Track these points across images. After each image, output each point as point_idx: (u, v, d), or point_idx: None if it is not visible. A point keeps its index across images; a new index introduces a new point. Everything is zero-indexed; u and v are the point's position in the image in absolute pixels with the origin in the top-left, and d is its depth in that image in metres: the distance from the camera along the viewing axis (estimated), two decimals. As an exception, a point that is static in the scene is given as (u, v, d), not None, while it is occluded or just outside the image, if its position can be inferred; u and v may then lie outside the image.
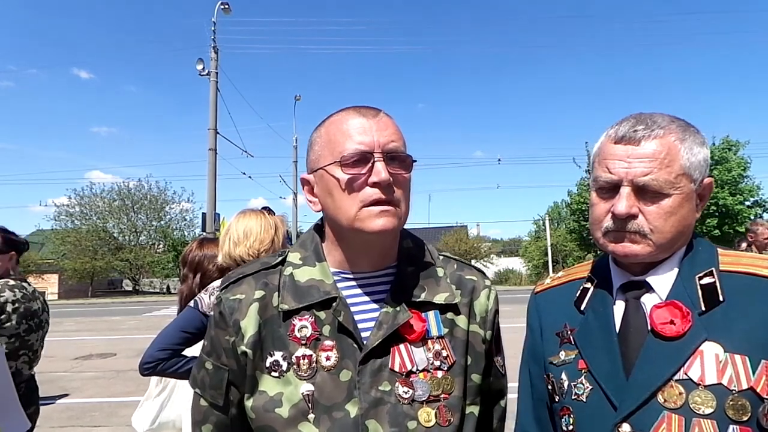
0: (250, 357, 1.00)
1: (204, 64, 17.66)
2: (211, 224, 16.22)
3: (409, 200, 1.04)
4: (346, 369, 0.98)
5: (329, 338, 0.99)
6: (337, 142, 0.99)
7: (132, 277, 40.60)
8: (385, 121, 1.01)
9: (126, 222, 40.11)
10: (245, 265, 1.13)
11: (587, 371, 1.01)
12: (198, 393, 1.10)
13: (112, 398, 7.21)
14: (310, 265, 1.06)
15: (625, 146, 0.97)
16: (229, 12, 18.20)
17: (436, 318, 1.04)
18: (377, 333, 0.98)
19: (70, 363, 9.85)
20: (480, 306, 1.11)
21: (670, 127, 0.97)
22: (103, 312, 22.77)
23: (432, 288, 1.06)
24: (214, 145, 17.47)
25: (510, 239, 62.92)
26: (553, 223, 43.03)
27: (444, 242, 41.71)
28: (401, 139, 1.02)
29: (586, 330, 1.05)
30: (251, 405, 1.00)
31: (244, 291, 1.05)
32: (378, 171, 0.95)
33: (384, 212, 0.96)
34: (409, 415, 0.96)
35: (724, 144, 31.33)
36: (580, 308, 1.09)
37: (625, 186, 0.96)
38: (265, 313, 1.02)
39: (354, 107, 1.03)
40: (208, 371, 1.07)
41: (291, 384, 0.97)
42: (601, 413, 0.96)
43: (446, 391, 1.00)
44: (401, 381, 0.97)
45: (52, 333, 11.08)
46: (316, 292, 1.02)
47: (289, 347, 0.99)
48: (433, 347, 1.02)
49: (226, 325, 1.03)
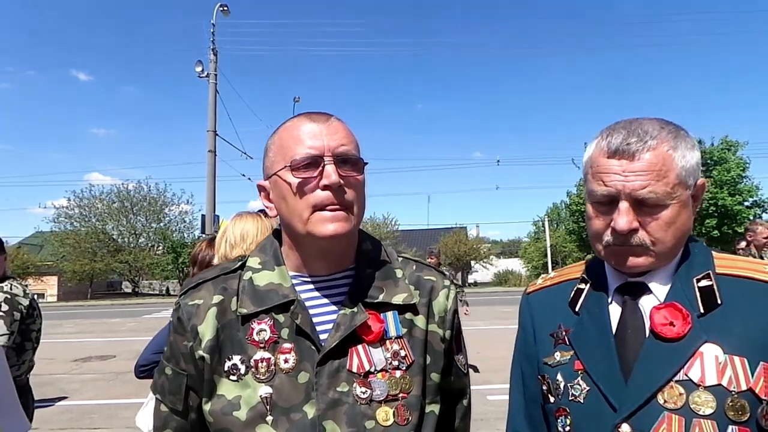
0: (208, 361, 1.01)
1: (203, 66, 17.68)
2: (211, 226, 16.21)
3: (363, 202, 1.06)
4: (304, 371, 0.99)
5: (288, 341, 1.01)
6: (289, 148, 1.01)
7: (131, 279, 40.59)
8: (335, 125, 1.04)
9: (125, 224, 40.12)
10: (205, 271, 1.14)
11: (584, 372, 1.01)
12: (158, 398, 1.11)
13: (112, 400, 7.20)
14: (269, 269, 1.07)
15: (620, 160, 0.95)
16: (228, 14, 18.20)
17: (394, 318, 1.06)
18: (335, 334, 1.00)
19: (70, 365, 9.84)
20: (439, 306, 1.12)
21: (662, 136, 0.95)
22: (102, 314, 22.75)
23: (390, 289, 1.08)
24: (213, 146, 17.47)
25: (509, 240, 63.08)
26: (552, 224, 43.08)
27: (443, 243, 41.69)
28: (353, 143, 1.05)
29: (581, 331, 1.05)
30: (209, 409, 1.01)
31: (203, 296, 1.06)
32: (328, 174, 0.98)
33: (335, 217, 0.98)
34: (367, 414, 0.98)
35: (723, 144, 31.35)
36: (575, 309, 1.09)
37: (623, 201, 0.95)
38: (223, 317, 1.03)
39: (306, 113, 1.06)
40: (167, 377, 1.08)
41: (249, 387, 0.99)
42: (600, 414, 0.96)
43: (405, 391, 1.02)
44: (359, 381, 0.99)
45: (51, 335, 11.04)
46: (274, 296, 1.03)
47: (248, 351, 1.00)
48: (391, 347, 1.03)
49: (184, 330, 1.04)
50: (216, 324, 1.03)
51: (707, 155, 30.73)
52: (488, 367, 8.11)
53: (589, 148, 1.04)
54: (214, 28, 18.21)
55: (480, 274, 47.63)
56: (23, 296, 2.85)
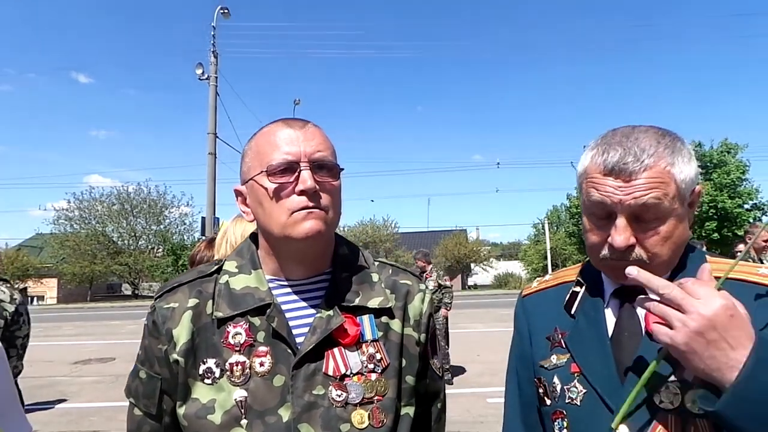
0: (182, 365, 1.01)
1: (203, 69, 17.69)
2: (211, 228, 16.22)
3: (339, 207, 1.07)
4: (280, 374, 0.99)
5: (263, 344, 1.01)
6: (265, 153, 1.03)
7: (131, 281, 40.61)
8: (312, 131, 1.05)
9: (125, 226, 40.17)
10: (181, 275, 1.14)
11: (580, 374, 1.01)
12: (132, 402, 1.10)
13: (111, 403, 7.19)
14: (246, 273, 1.08)
15: (616, 180, 0.94)
16: (229, 16, 18.24)
17: (370, 322, 1.07)
18: (311, 338, 1.01)
19: (69, 367, 9.83)
20: (414, 309, 1.14)
21: (659, 153, 0.93)
22: (102, 316, 22.74)
23: (366, 293, 1.09)
24: (213, 149, 17.48)
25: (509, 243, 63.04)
26: (552, 227, 43.07)
27: (443, 246, 41.72)
28: (329, 149, 1.06)
29: (578, 334, 1.05)
30: (183, 413, 1.01)
31: (178, 299, 1.06)
32: (304, 179, 0.99)
33: (311, 214, 0.99)
34: (342, 417, 0.98)
35: (722, 147, 31.35)
36: (571, 312, 1.10)
37: (620, 217, 0.94)
38: (198, 321, 1.04)
39: (283, 119, 1.07)
40: (141, 380, 1.08)
41: (224, 390, 0.99)
42: (597, 416, 0.97)
43: (380, 393, 1.03)
44: (335, 384, 1.00)
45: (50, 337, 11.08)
46: (250, 299, 1.04)
47: (223, 354, 1.01)
48: (367, 351, 1.04)
49: (159, 334, 1.04)
50: (191, 327, 1.03)
51: (707, 158, 30.74)
52: (488, 369, 8.11)
53: (584, 159, 1.02)
54: (215, 31, 18.24)
55: (480, 277, 47.64)
56: (9, 302, 2.80)
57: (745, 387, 0.77)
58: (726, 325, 0.80)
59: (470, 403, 6.47)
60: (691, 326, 0.80)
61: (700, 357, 0.80)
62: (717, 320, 0.80)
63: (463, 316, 16.28)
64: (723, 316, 0.80)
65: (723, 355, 0.79)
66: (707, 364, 0.80)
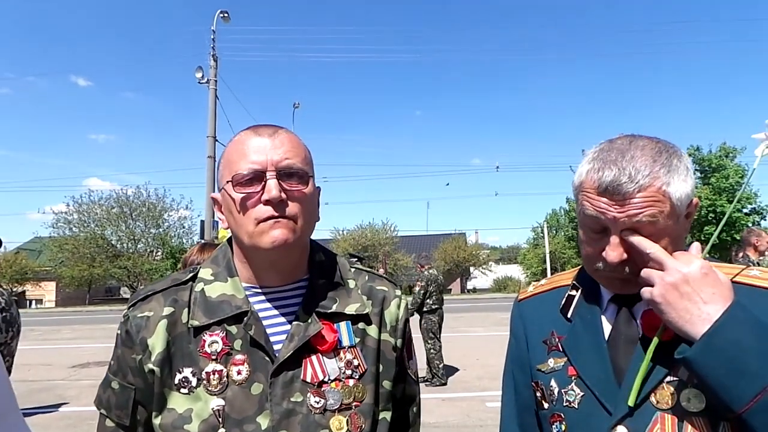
0: (158, 375, 1.00)
1: (203, 72, 17.71)
2: (210, 232, 16.21)
3: (311, 214, 1.06)
4: (258, 382, 0.99)
5: (240, 352, 1.00)
6: (234, 162, 1.02)
7: (130, 284, 40.45)
8: (281, 138, 1.04)
9: (124, 229, 40.05)
10: (154, 282, 1.14)
11: (577, 378, 1.02)
12: (104, 414, 1.08)
13: (110, 406, 7.17)
14: (222, 280, 1.07)
15: (610, 199, 0.94)
16: (228, 20, 18.28)
17: (347, 328, 1.07)
18: (289, 345, 1.01)
19: (68, 371, 9.82)
20: (390, 315, 1.15)
21: (654, 172, 0.92)
22: (100, 319, 22.70)
23: (343, 299, 1.10)
24: (213, 152, 17.48)
25: (508, 246, 63.10)
26: (551, 231, 43.09)
27: (442, 249, 41.71)
28: (299, 156, 1.04)
29: (574, 337, 1.06)
30: (159, 423, 1.00)
31: (153, 308, 1.05)
32: (269, 188, 0.98)
33: (277, 224, 0.99)
34: (321, 424, 0.99)
35: (721, 151, 31.43)
36: (567, 315, 1.11)
37: (614, 235, 0.95)
38: (174, 329, 1.03)
39: (253, 127, 1.06)
40: (114, 391, 1.06)
41: (201, 400, 0.98)
42: (595, 418, 0.98)
43: (358, 399, 1.03)
44: (313, 391, 1.00)
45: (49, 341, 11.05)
46: (227, 307, 1.03)
47: (199, 363, 1.00)
48: (344, 357, 1.05)
49: (133, 344, 1.03)
50: (167, 336, 1.02)
51: (705, 162, 30.82)
52: (487, 373, 8.10)
53: (580, 170, 1.01)
54: (215, 35, 18.27)
55: (479, 281, 47.66)
56: None
57: (715, 336, 0.82)
58: (699, 280, 0.87)
59: (469, 407, 6.47)
60: (667, 279, 0.88)
61: (674, 308, 0.87)
62: (691, 276, 0.87)
63: (462, 319, 16.27)
64: (697, 273, 0.87)
65: (696, 308, 0.86)
66: (681, 315, 0.86)
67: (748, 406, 0.80)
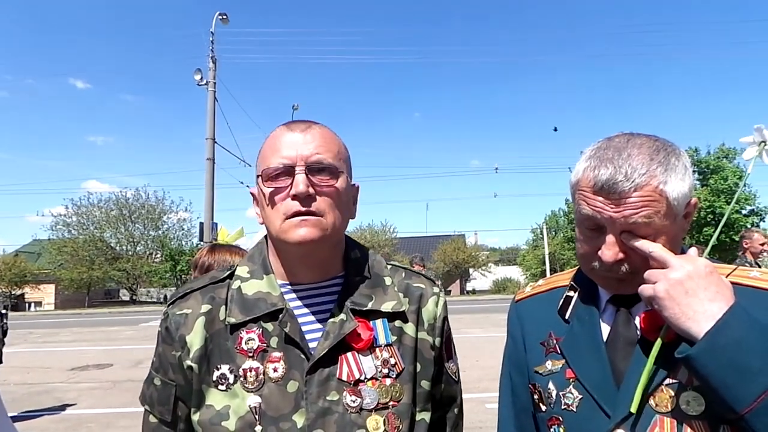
0: (196, 371, 1.01)
1: (202, 74, 17.73)
2: (209, 234, 16.19)
3: (342, 209, 1.05)
4: (294, 380, 0.99)
5: (277, 350, 1.01)
6: (266, 157, 1.04)
7: (129, 286, 40.48)
8: (313, 133, 1.04)
9: (123, 232, 40.10)
10: (194, 281, 1.14)
11: (576, 380, 1.02)
12: (147, 410, 1.10)
13: (109, 409, 7.17)
14: (258, 278, 1.08)
15: (606, 198, 0.93)
16: (227, 22, 18.30)
17: (383, 326, 1.06)
18: (324, 343, 1.00)
19: (67, 374, 9.78)
20: (428, 313, 1.13)
21: (651, 171, 0.91)
22: (99, 322, 22.64)
23: (379, 297, 1.08)
24: (212, 154, 17.50)
25: (508, 248, 63.09)
26: (550, 232, 43.08)
27: (442, 251, 41.70)
28: (330, 151, 1.04)
29: (572, 339, 1.06)
30: (198, 419, 1.01)
31: (191, 306, 1.06)
32: (297, 183, 0.98)
33: (304, 222, 0.98)
34: (357, 423, 0.98)
35: (719, 153, 31.45)
36: (565, 317, 1.10)
37: (609, 234, 0.94)
38: (211, 327, 1.04)
39: (288, 123, 1.07)
40: (156, 387, 1.08)
41: (238, 397, 0.99)
42: (594, 421, 0.97)
43: (395, 399, 1.02)
44: (349, 390, 0.99)
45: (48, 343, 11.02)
46: (263, 305, 1.03)
47: (236, 360, 1.00)
48: (381, 355, 1.04)
49: (172, 341, 1.04)
50: (204, 333, 1.03)
51: (703, 164, 30.85)
52: (486, 375, 8.10)
53: (577, 168, 1.01)
54: (213, 37, 18.32)
55: (478, 282, 47.62)
56: None
57: (719, 334, 0.82)
58: (704, 277, 0.86)
59: (468, 409, 6.42)
60: (671, 276, 0.87)
61: (678, 304, 0.86)
62: (695, 272, 0.87)
63: (461, 321, 16.25)
64: (702, 270, 0.87)
65: (700, 305, 0.84)
66: (684, 312, 0.85)
67: (752, 407, 0.79)
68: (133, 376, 9.26)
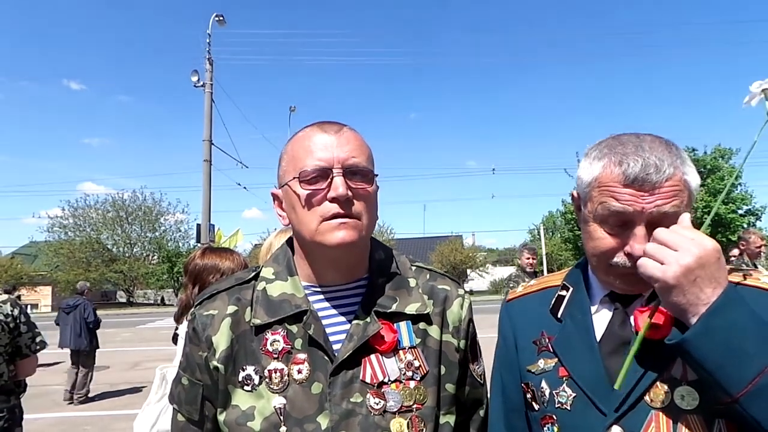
0: (222, 372, 1.02)
1: (199, 76, 17.70)
2: (206, 235, 16.17)
3: (374, 213, 1.06)
4: (318, 381, 0.99)
5: (301, 351, 1.01)
6: (299, 159, 1.02)
7: (126, 288, 40.37)
8: (347, 136, 1.03)
9: (120, 233, 39.97)
10: (219, 282, 1.15)
11: (569, 378, 1.02)
12: (176, 408, 1.12)
13: (106, 411, 7.16)
14: (283, 279, 1.08)
15: (638, 191, 0.93)
16: (224, 24, 18.29)
17: (407, 328, 1.06)
18: (348, 345, 1.00)
19: (63, 376, 9.75)
20: (453, 315, 1.12)
21: (674, 162, 0.94)
22: (96, 324, 22.53)
23: (403, 299, 1.08)
24: (208, 156, 17.47)
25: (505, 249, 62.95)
26: (547, 233, 43.10)
27: (439, 252, 41.68)
28: (364, 154, 1.04)
29: (565, 337, 1.06)
30: (224, 419, 1.02)
31: (217, 306, 1.07)
32: (336, 186, 0.98)
33: (343, 225, 0.98)
34: (381, 425, 0.98)
35: (715, 153, 31.55)
36: (557, 316, 1.10)
37: (639, 226, 0.94)
38: (237, 328, 1.04)
39: (318, 123, 1.06)
40: (184, 387, 1.09)
41: (263, 397, 0.99)
42: (588, 419, 0.97)
43: (419, 402, 1.02)
44: (373, 392, 0.99)
45: (44, 346, 10.70)
46: (287, 306, 1.04)
47: (261, 361, 1.01)
48: (405, 357, 1.03)
49: (199, 341, 1.05)
50: (230, 334, 1.04)
51: (700, 164, 30.90)
52: (484, 375, 8.10)
53: (593, 167, 1.00)
54: (210, 38, 18.28)
55: (476, 283, 47.59)
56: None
57: (713, 317, 0.82)
58: (713, 265, 0.84)
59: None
60: (683, 262, 0.84)
61: (684, 293, 0.84)
62: (706, 260, 0.84)
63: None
64: (713, 256, 0.85)
65: (702, 292, 0.84)
66: (688, 299, 0.84)
67: (747, 389, 0.79)
68: (129, 378, 9.24)
